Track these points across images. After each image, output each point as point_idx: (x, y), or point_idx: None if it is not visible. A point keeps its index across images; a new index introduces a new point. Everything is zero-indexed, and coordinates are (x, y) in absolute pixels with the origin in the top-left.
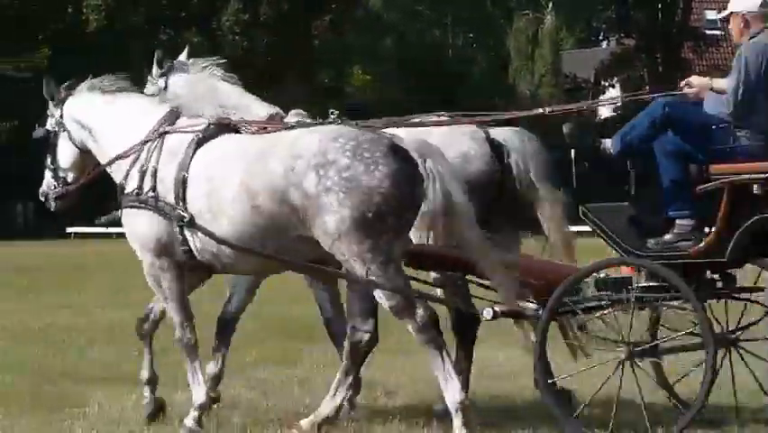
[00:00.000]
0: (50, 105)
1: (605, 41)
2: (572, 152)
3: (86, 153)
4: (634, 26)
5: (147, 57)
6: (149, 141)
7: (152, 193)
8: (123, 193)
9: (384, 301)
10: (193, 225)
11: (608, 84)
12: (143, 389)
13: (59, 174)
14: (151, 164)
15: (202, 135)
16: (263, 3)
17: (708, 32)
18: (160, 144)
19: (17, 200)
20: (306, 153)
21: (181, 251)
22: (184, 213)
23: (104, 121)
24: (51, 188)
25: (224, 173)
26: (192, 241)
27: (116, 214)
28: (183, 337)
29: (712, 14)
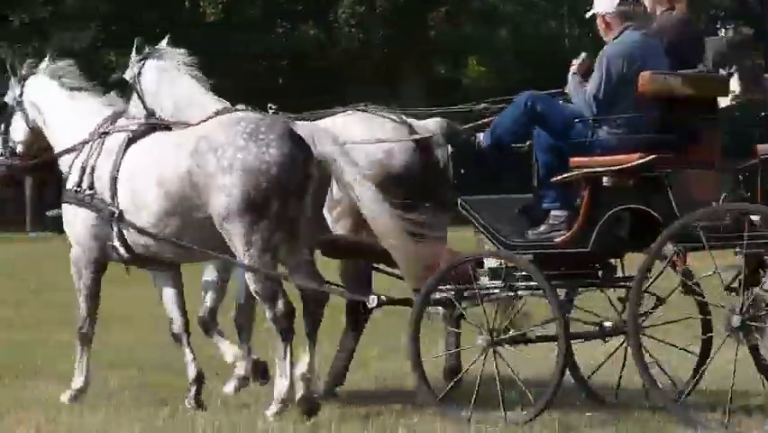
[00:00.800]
0: (12, 79)
1: (722, 29)
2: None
3: (38, 133)
4: (752, 13)
5: (266, 50)
6: (91, 140)
7: (89, 191)
8: (65, 187)
9: (251, 284)
10: (122, 219)
11: (726, 72)
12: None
13: (8, 144)
14: (90, 162)
15: (133, 135)
16: None
17: None
18: (100, 144)
19: None
20: (210, 135)
21: (118, 246)
22: (114, 209)
23: (56, 112)
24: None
25: (143, 166)
26: (127, 235)
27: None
28: (84, 329)
29: None
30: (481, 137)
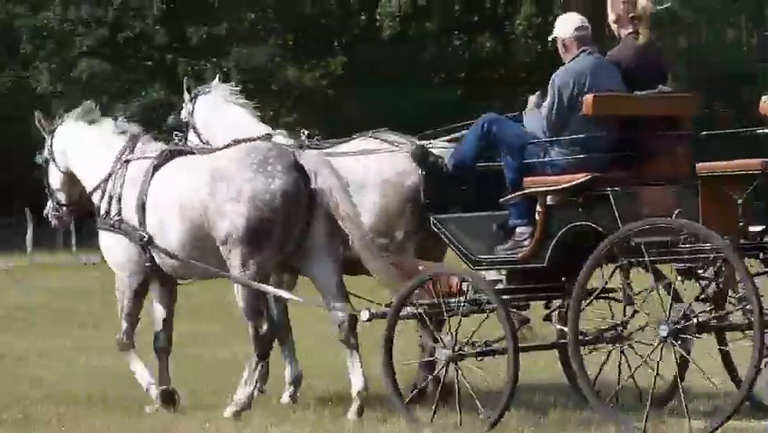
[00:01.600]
0: (45, 135)
1: None
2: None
3: (71, 176)
4: None
5: (441, 62)
6: (115, 170)
7: (118, 217)
8: (99, 215)
9: (239, 301)
10: (151, 243)
11: None
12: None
13: (54, 196)
14: (117, 190)
15: (157, 162)
16: (555, 5)
17: None
18: (123, 172)
19: None
20: (223, 165)
21: (148, 266)
22: (144, 233)
23: (79, 150)
24: (50, 209)
25: (167, 193)
26: (156, 257)
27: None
28: (123, 340)
29: None
30: (446, 159)
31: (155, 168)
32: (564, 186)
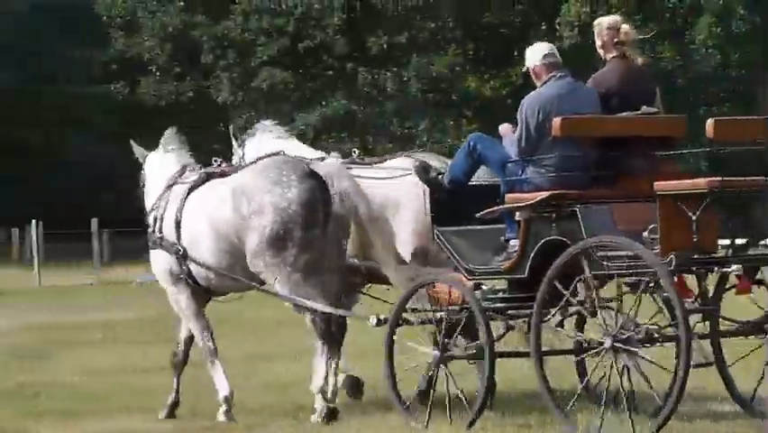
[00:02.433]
0: (141, 161)
1: None
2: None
3: None
4: None
5: None
6: (162, 193)
7: (159, 234)
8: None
9: (286, 302)
10: (186, 257)
11: None
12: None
13: (149, 217)
14: (160, 211)
15: (194, 184)
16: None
17: None
18: (168, 194)
19: None
20: (245, 182)
21: (187, 279)
22: (180, 247)
23: (150, 176)
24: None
25: (198, 211)
26: (192, 270)
27: None
28: (204, 344)
29: None
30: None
31: (191, 189)
32: (528, 203)
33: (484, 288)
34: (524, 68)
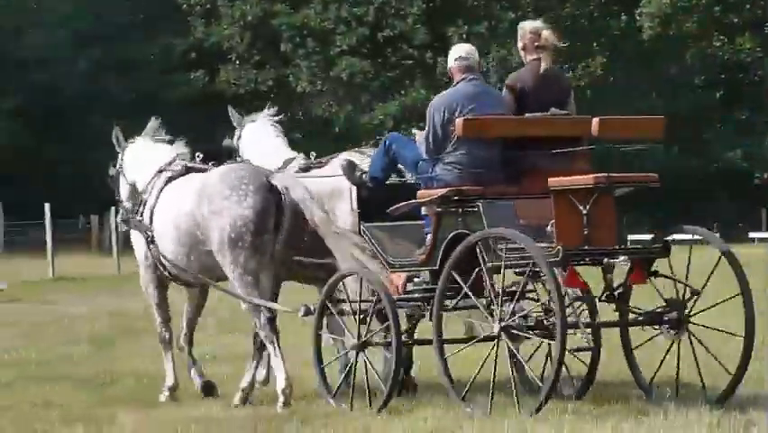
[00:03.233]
0: (118, 150)
1: None
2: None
3: (136, 188)
4: None
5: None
6: (151, 180)
7: (140, 217)
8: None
9: (241, 302)
10: (153, 242)
11: None
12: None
13: (122, 205)
14: (145, 196)
15: (173, 175)
16: None
17: None
18: (155, 181)
19: None
20: (209, 183)
21: (156, 264)
22: (150, 232)
23: (135, 163)
24: (120, 216)
25: (167, 202)
26: (161, 258)
27: None
28: (161, 333)
29: None
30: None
31: (170, 179)
32: (430, 198)
33: (416, 279)
34: (601, 59)
